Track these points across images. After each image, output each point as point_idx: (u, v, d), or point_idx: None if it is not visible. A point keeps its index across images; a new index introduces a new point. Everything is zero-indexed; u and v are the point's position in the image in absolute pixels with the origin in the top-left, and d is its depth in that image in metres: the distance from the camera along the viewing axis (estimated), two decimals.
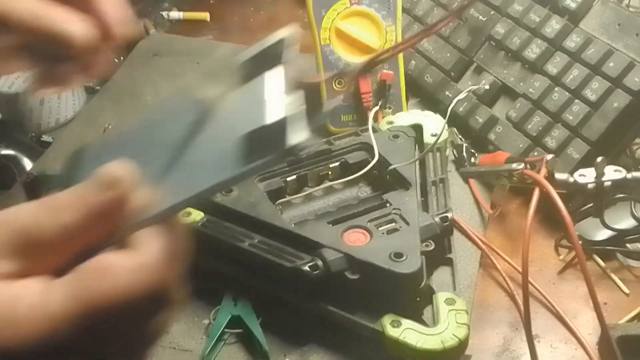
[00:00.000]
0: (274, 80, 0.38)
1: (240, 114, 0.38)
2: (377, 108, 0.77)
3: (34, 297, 0.32)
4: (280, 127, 0.35)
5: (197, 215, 0.61)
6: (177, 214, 0.37)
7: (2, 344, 0.31)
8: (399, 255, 0.56)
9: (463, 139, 0.76)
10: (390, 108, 0.79)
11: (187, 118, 0.39)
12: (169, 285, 0.34)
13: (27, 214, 0.33)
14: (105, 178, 0.34)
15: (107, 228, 0.34)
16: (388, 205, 0.62)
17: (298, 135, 0.34)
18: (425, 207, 0.64)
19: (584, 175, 0.59)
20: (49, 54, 0.49)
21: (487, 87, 0.77)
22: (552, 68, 0.73)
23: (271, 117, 0.35)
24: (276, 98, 0.37)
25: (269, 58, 0.39)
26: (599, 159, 0.59)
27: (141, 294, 0.33)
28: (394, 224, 0.60)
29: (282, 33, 0.39)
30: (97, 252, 0.34)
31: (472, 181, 0.73)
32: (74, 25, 0.50)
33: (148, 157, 0.39)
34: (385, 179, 0.66)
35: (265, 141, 0.35)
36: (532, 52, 0.75)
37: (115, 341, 0.34)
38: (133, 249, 0.34)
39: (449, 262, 0.62)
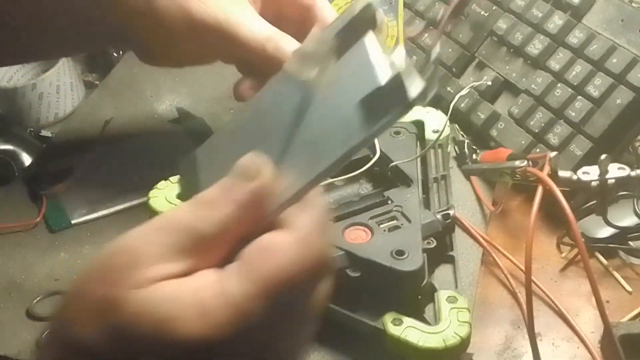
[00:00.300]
0: (372, 43, 0.39)
1: (349, 83, 0.39)
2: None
3: (213, 288, 0.34)
4: (397, 84, 0.35)
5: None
6: (314, 188, 0.38)
7: (198, 336, 0.33)
8: (400, 252, 0.55)
9: (465, 136, 0.76)
10: None
11: (294, 101, 0.41)
12: (325, 253, 0.37)
13: (184, 216, 0.36)
14: (245, 170, 0.37)
15: (257, 215, 0.37)
16: (389, 202, 0.62)
17: (415, 86, 0.35)
18: (426, 204, 0.64)
19: (587, 173, 0.59)
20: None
21: (489, 83, 0.77)
22: (555, 64, 0.72)
23: (384, 77, 0.36)
24: (381, 59, 0.38)
25: (359, 25, 0.40)
26: (603, 156, 0.58)
27: (306, 264, 0.35)
28: (395, 221, 0.59)
29: (362, 2, 0.40)
30: (252, 239, 0.36)
31: (473, 178, 0.72)
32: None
33: (269, 144, 0.40)
34: (387, 176, 0.66)
35: (386, 100, 0.36)
36: (535, 47, 0.74)
37: (294, 316, 0.36)
38: (286, 227, 0.36)
39: (451, 260, 0.62)
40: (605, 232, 0.65)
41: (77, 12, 0.64)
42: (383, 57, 0.38)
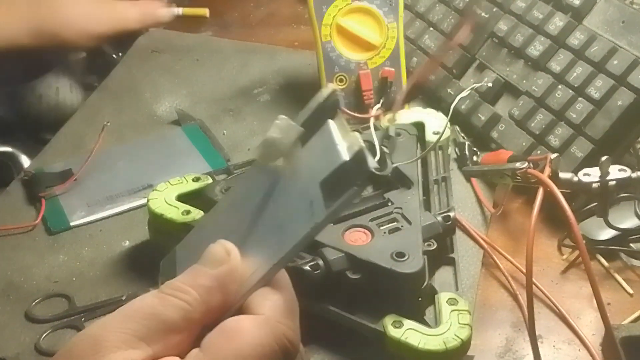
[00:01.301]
0: (335, 127, 0.41)
1: (314, 166, 0.40)
2: (378, 105, 0.76)
3: None
4: (359, 158, 0.38)
5: (197, 214, 0.61)
6: (281, 270, 0.39)
7: None
8: (400, 254, 0.55)
9: (465, 137, 0.76)
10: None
11: (263, 188, 0.43)
12: (290, 336, 0.37)
13: (149, 303, 0.36)
14: (211, 256, 0.38)
15: (223, 301, 0.37)
16: (390, 204, 0.61)
17: (372, 160, 0.37)
18: (427, 206, 0.64)
19: (588, 175, 0.59)
20: None
21: (489, 84, 0.77)
22: (556, 66, 0.72)
23: (347, 153, 0.38)
24: (342, 140, 0.40)
25: (324, 111, 0.42)
26: (604, 158, 0.58)
27: (267, 348, 0.35)
28: (395, 223, 0.59)
29: (328, 89, 0.42)
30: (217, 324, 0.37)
31: (474, 180, 0.72)
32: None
33: (238, 232, 0.42)
34: (387, 178, 0.66)
35: (348, 175, 0.38)
36: (535, 49, 0.74)
37: None
38: (250, 311, 0.37)
39: (451, 262, 0.62)
40: (606, 234, 0.65)
41: None
42: (343, 139, 0.40)
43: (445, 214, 0.61)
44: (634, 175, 0.59)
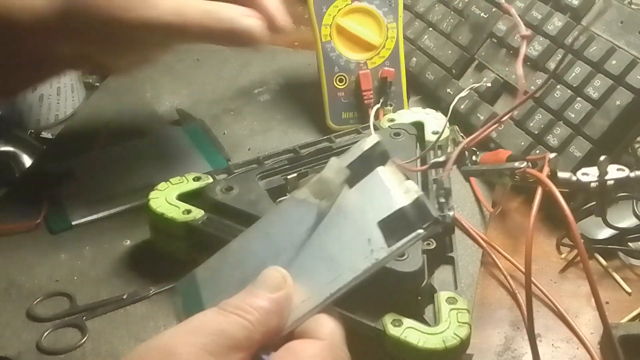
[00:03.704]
0: (386, 174, 0.45)
1: (367, 206, 0.44)
2: (378, 105, 0.77)
3: None
4: (419, 205, 0.42)
5: (197, 213, 0.61)
6: (332, 302, 0.43)
7: None
8: (400, 254, 0.55)
9: (464, 137, 0.76)
10: (391, 105, 0.79)
11: (306, 222, 0.46)
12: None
13: (214, 319, 0.39)
14: (268, 280, 0.41)
15: (279, 323, 0.40)
16: None
17: (433, 208, 0.42)
18: None
19: (586, 174, 0.59)
20: None
21: (488, 84, 0.77)
22: (554, 66, 0.72)
23: (405, 200, 0.43)
24: (397, 186, 0.44)
25: (371, 158, 0.46)
26: (602, 157, 0.58)
27: None
28: None
29: (372, 139, 0.46)
30: (273, 349, 0.40)
31: (473, 179, 0.72)
32: (251, 20, 0.56)
33: (282, 261, 0.45)
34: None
35: (406, 220, 0.42)
36: (534, 49, 0.74)
37: None
38: (311, 336, 0.40)
39: (451, 261, 0.62)
40: (605, 233, 0.65)
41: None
42: (398, 185, 0.44)
43: (445, 213, 0.61)
44: (632, 174, 0.59)
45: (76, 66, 0.65)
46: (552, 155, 0.57)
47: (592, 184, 0.59)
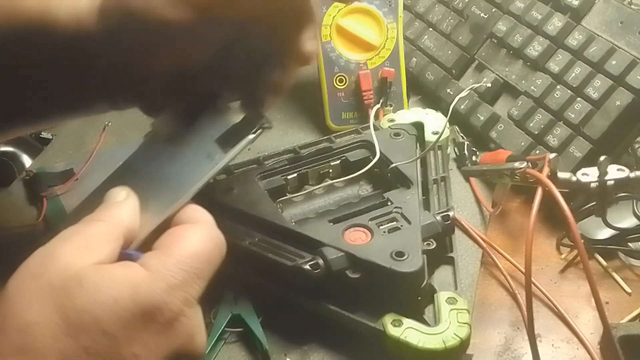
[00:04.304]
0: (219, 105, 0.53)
1: (205, 133, 0.52)
2: (378, 106, 0.77)
3: (138, 271, 0.40)
4: (249, 118, 0.52)
5: None
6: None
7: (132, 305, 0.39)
8: (400, 254, 0.55)
9: (464, 137, 0.76)
10: (391, 106, 0.79)
11: (156, 156, 0.53)
12: (222, 239, 0.45)
13: (78, 227, 0.43)
14: (115, 191, 0.46)
15: (133, 220, 0.45)
16: (389, 203, 0.62)
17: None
18: (426, 205, 0.64)
19: (586, 175, 0.59)
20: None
21: (488, 85, 0.77)
22: (554, 66, 0.72)
23: (236, 119, 0.52)
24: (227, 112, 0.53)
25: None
26: (602, 158, 0.58)
27: (212, 240, 0.44)
28: (395, 222, 0.59)
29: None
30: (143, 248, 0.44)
31: (473, 180, 0.72)
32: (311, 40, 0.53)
33: (141, 187, 0.49)
34: (387, 177, 0.66)
35: (237, 131, 0.51)
36: (534, 49, 0.74)
37: (202, 284, 0.42)
38: (187, 222, 0.45)
39: (451, 261, 0.62)
40: (605, 233, 0.65)
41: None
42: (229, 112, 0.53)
43: (445, 214, 0.61)
44: (632, 175, 0.59)
45: (113, 95, 0.59)
46: (552, 155, 0.58)
47: (592, 184, 0.59)
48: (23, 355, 0.37)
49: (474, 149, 0.75)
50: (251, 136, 0.51)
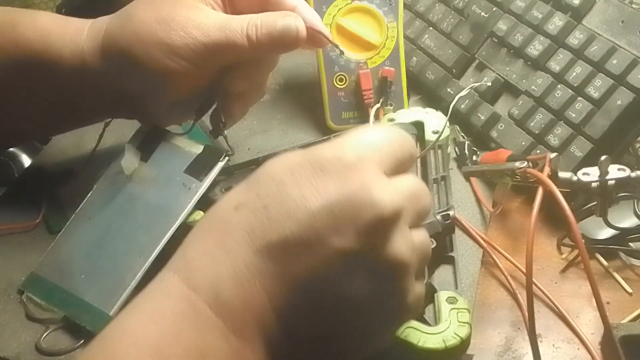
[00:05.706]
0: (174, 139, 0.64)
1: (168, 167, 0.60)
2: (378, 105, 0.77)
3: None
4: (209, 148, 0.61)
5: (196, 215, 0.61)
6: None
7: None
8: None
9: (465, 137, 0.76)
10: (391, 105, 0.78)
11: (121, 195, 0.61)
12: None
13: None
14: None
15: None
16: None
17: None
18: None
19: (587, 174, 0.59)
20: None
21: (489, 84, 0.77)
22: (555, 65, 0.72)
23: (196, 150, 0.61)
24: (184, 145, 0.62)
25: (149, 138, 0.65)
26: (603, 157, 0.58)
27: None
28: None
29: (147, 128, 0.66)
30: None
31: (473, 179, 0.72)
32: (297, 21, 0.64)
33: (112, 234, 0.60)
34: None
35: (205, 161, 0.59)
36: (535, 49, 0.74)
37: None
38: None
39: (451, 261, 0.62)
40: (606, 233, 0.65)
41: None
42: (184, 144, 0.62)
43: (445, 213, 0.61)
44: (633, 174, 0.59)
45: (115, 113, 0.69)
46: (553, 155, 0.58)
47: (593, 184, 0.59)
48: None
49: (475, 148, 0.75)
50: (221, 163, 0.59)
